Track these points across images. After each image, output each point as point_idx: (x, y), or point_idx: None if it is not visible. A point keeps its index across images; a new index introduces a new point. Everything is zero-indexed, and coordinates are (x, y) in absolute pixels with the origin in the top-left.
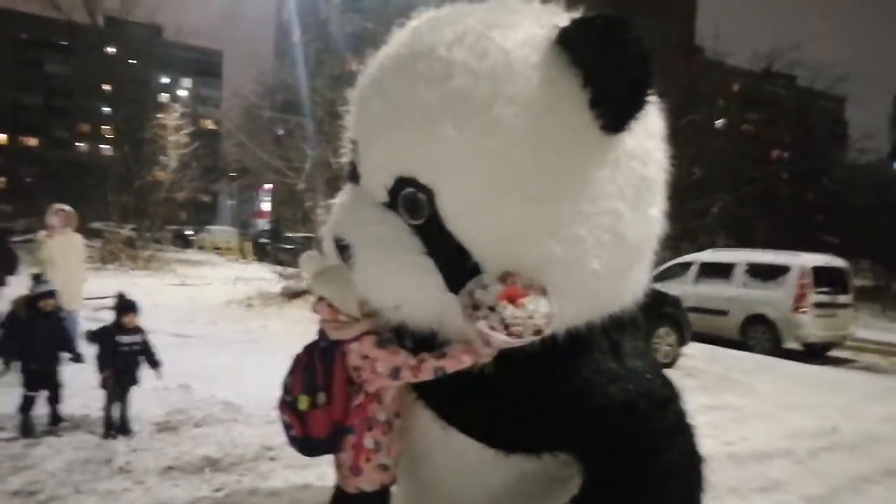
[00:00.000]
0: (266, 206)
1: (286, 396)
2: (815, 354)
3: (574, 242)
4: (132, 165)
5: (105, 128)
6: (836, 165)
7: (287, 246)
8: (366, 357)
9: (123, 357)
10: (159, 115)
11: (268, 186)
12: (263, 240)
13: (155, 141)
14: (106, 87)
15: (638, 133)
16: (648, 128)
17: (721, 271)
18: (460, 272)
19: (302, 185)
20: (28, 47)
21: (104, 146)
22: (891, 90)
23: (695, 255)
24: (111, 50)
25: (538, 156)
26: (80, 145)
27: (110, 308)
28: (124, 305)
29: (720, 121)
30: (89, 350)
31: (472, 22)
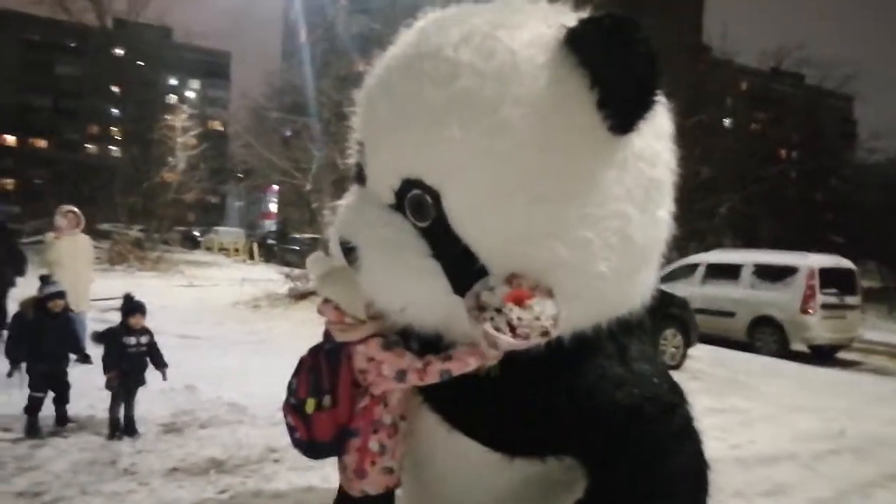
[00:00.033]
0: (273, 208)
1: (291, 399)
2: (823, 356)
3: (581, 245)
4: (141, 166)
5: (114, 129)
6: (845, 165)
7: (294, 247)
8: (372, 359)
9: (130, 358)
10: (167, 117)
11: (275, 188)
12: (270, 241)
13: (163, 142)
14: (115, 89)
15: (646, 134)
16: (657, 128)
17: (728, 272)
18: (466, 274)
19: (309, 186)
20: (38, 49)
21: (113, 148)
22: None
23: (702, 256)
24: (120, 52)
25: (546, 156)
26: (90, 147)
27: (117, 309)
28: (131, 307)
29: (728, 120)
30: (96, 351)
31: (479, 22)
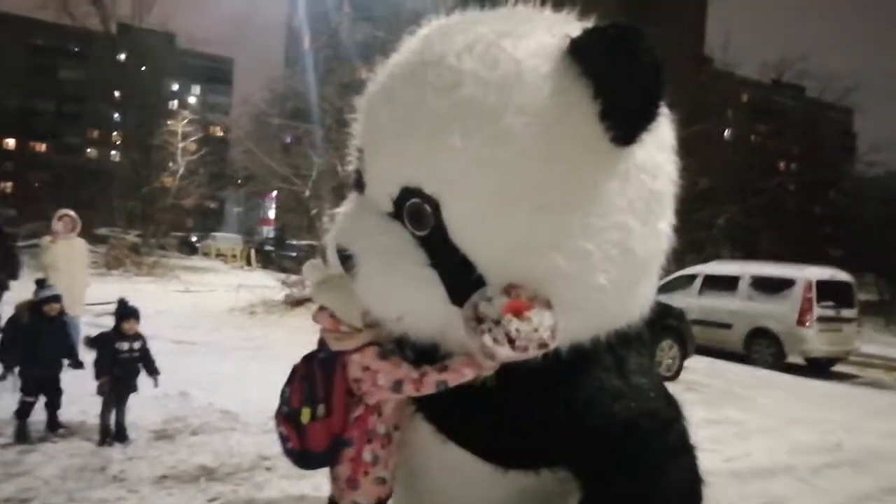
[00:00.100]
0: (272, 214)
1: (284, 408)
2: (819, 369)
3: (581, 256)
4: (141, 171)
5: (115, 134)
6: (844, 178)
7: (291, 253)
8: (367, 369)
9: (122, 364)
10: (169, 122)
11: (274, 194)
12: (268, 247)
13: (164, 147)
14: (117, 94)
15: (648, 145)
16: (659, 140)
17: (725, 284)
18: (464, 284)
19: (308, 193)
20: (42, 54)
21: (113, 152)
22: None
23: (699, 268)
24: (123, 57)
25: (548, 166)
26: (90, 151)
27: (112, 314)
28: (124, 311)
29: (728, 131)
30: (88, 356)
31: (483, 31)
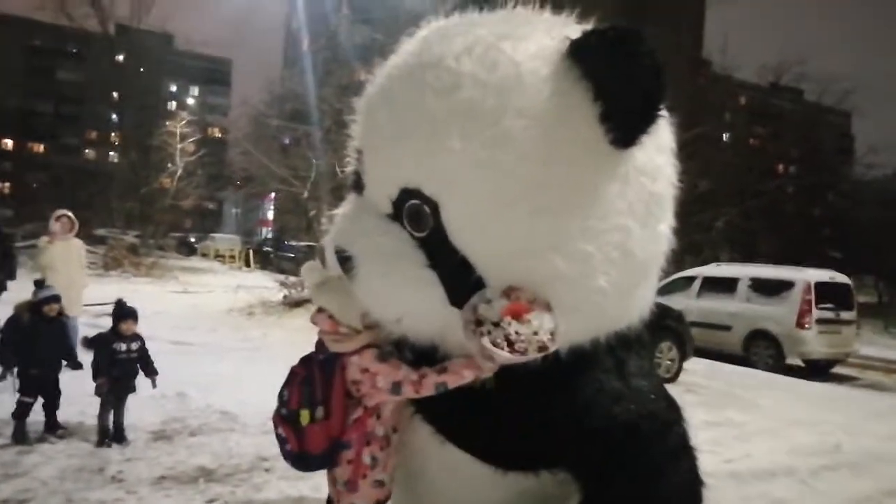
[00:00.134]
0: (271, 215)
1: (282, 410)
2: (818, 371)
3: (581, 258)
4: (139, 172)
5: (113, 135)
6: (843, 180)
7: (289, 254)
8: (366, 371)
9: (120, 365)
10: (167, 123)
11: (273, 195)
12: (266, 248)
13: (162, 148)
14: (116, 95)
15: (648, 148)
16: (659, 142)
17: (724, 286)
18: (464, 285)
19: (306, 194)
20: (40, 55)
21: (112, 153)
22: None
23: (698, 270)
24: (121, 58)
25: (548, 169)
26: (88, 152)
27: (110, 315)
28: (122, 312)
29: (726, 134)
30: (86, 357)
31: (483, 33)
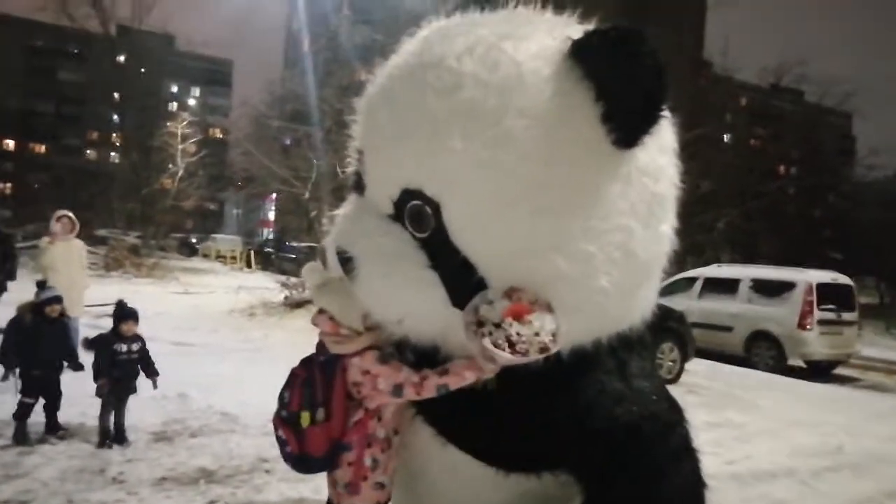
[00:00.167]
0: (272, 216)
1: (283, 412)
2: (820, 372)
3: (583, 259)
4: (140, 173)
5: (114, 136)
6: (844, 181)
7: (290, 255)
8: (367, 373)
9: (121, 366)
10: (168, 124)
11: (274, 196)
12: (267, 249)
13: (163, 149)
14: (116, 96)
15: (650, 148)
16: (661, 143)
17: (726, 287)
18: (465, 286)
19: (307, 195)
20: (41, 55)
21: (113, 154)
22: None
23: (699, 270)
24: (123, 58)
25: (550, 169)
26: (89, 153)
27: (111, 315)
28: (123, 313)
29: (727, 135)
30: (87, 358)
31: (484, 33)
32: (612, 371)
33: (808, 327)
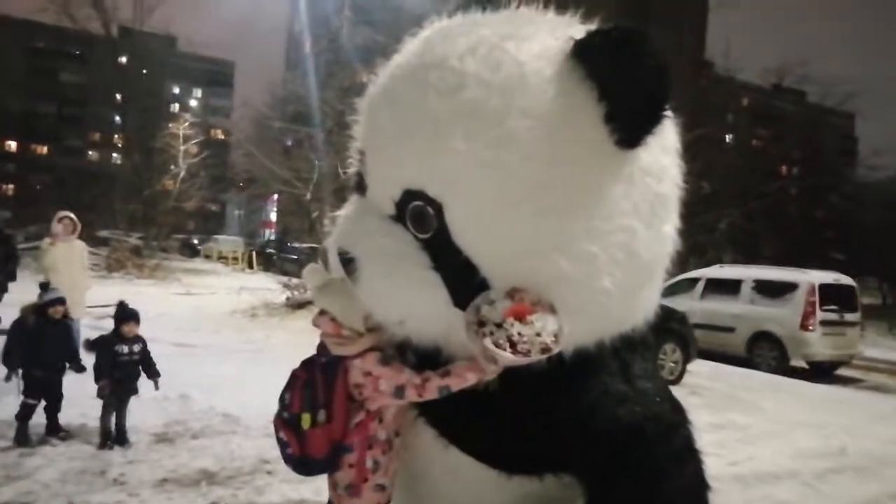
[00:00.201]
0: (273, 217)
1: (284, 413)
2: (822, 373)
3: (586, 259)
4: (142, 174)
5: (116, 137)
6: (846, 182)
7: (292, 256)
8: (368, 374)
9: (122, 367)
10: (170, 125)
11: (275, 197)
12: (269, 250)
13: (165, 150)
14: (118, 97)
15: (653, 148)
16: (664, 143)
17: (728, 287)
18: (467, 287)
19: (309, 196)
20: (43, 56)
21: (115, 155)
22: None
23: (702, 271)
24: (124, 60)
25: (552, 169)
26: (91, 154)
27: (112, 317)
28: (124, 314)
29: (729, 136)
30: (89, 359)
31: (486, 33)
32: (615, 372)
33: (811, 328)
